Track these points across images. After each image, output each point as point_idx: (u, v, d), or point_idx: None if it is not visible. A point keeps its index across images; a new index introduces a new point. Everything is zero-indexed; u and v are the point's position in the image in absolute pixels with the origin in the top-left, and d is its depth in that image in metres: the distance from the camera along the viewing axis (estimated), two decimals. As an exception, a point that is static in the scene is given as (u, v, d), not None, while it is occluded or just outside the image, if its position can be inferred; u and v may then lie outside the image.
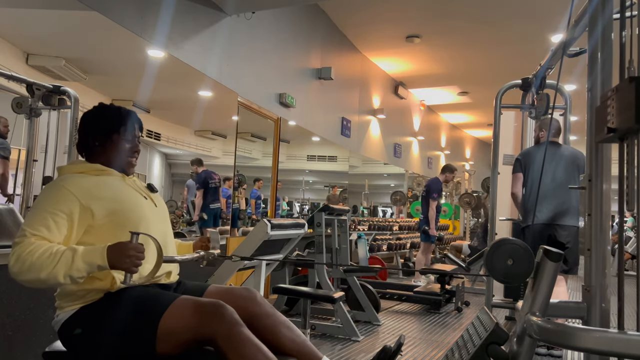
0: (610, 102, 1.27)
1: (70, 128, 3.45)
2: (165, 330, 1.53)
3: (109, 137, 1.79)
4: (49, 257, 1.48)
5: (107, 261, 1.49)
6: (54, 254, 1.49)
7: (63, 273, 1.48)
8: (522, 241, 1.44)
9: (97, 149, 1.79)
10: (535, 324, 1.21)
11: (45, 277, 1.47)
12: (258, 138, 6.64)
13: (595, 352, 1.25)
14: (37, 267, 1.47)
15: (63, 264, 1.48)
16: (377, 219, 9.37)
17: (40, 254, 1.49)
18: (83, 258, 1.49)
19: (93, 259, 1.50)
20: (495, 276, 1.47)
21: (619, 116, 1.20)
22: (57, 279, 1.48)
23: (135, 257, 1.50)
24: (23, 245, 1.51)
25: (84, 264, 1.49)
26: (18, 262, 1.49)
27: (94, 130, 1.80)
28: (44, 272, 1.47)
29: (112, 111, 1.83)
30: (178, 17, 4.24)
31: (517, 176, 3.68)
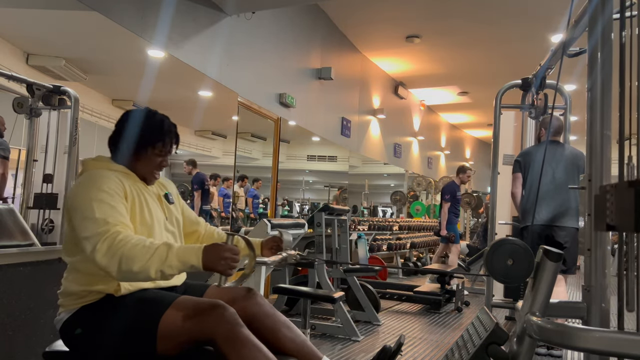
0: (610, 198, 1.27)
1: (70, 128, 3.45)
2: (166, 331, 1.53)
3: (145, 149, 1.74)
4: (143, 250, 1.45)
5: (202, 262, 1.47)
6: (147, 247, 1.46)
7: (155, 268, 1.45)
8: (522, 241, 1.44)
9: (128, 154, 1.75)
10: (535, 324, 1.21)
11: (137, 269, 1.44)
12: (258, 138, 6.65)
13: (595, 352, 1.25)
14: (129, 259, 1.44)
15: (157, 259, 1.45)
16: (377, 219, 9.37)
17: (133, 245, 1.46)
18: (177, 256, 1.47)
19: (188, 258, 1.47)
20: (495, 276, 1.47)
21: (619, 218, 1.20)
22: (148, 273, 1.45)
23: (231, 260, 1.48)
24: (112, 235, 1.47)
25: (177, 261, 1.47)
26: (109, 253, 1.45)
27: (132, 136, 1.74)
28: (137, 265, 1.44)
29: (156, 122, 1.76)
30: (178, 17, 4.24)
31: (517, 176, 3.68)
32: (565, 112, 4.03)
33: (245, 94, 5.16)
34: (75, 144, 3.46)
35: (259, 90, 5.47)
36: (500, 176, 3.99)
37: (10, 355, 2.49)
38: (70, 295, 1.63)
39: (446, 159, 13.42)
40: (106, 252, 1.46)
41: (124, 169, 1.74)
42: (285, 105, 5.92)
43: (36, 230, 3.34)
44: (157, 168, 1.78)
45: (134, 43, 3.94)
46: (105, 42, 4.06)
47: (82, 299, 1.62)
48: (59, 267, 2.63)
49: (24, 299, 2.56)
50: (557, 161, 3.53)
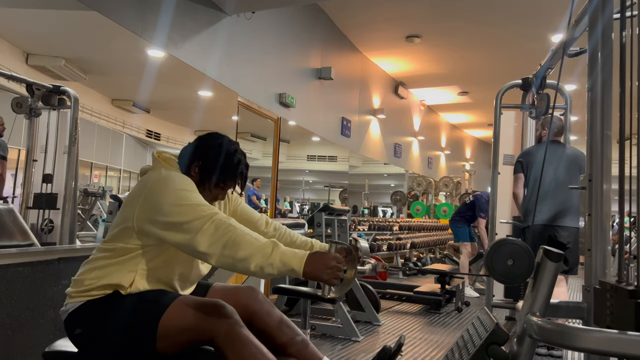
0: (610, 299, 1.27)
1: (70, 128, 3.45)
2: (166, 330, 1.53)
3: (210, 180, 1.70)
4: (250, 239, 1.44)
5: (304, 269, 1.45)
6: (255, 238, 1.45)
7: (257, 262, 1.43)
8: (522, 241, 1.44)
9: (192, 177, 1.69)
10: (535, 324, 1.21)
11: (240, 257, 1.42)
12: (258, 138, 6.64)
13: (595, 352, 1.25)
14: (236, 244, 1.43)
15: (261, 253, 1.43)
16: (377, 219, 9.37)
17: (242, 232, 1.45)
18: (281, 256, 1.44)
19: (290, 261, 1.45)
20: (496, 276, 1.47)
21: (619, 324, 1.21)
22: (249, 264, 1.43)
23: (337, 269, 1.47)
24: (220, 218, 1.45)
25: (280, 262, 1.44)
26: (216, 234, 1.43)
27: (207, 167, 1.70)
28: (241, 253, 1.42)
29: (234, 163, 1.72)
30: (178, 17, 4.24)
31: (519, 177, 3.67)
32: (565, 112, 4.03)
33: (245, 94, 5.16)
34: (75, 143, 3.46)
35: (259, 90, 5.47)
36: (501, 176, 3.99)
37: (10, 355, 2.49)
38: (81, 285, 1.62)
39: (446, 159, 13.42)
40: (213, 233, 1.44)
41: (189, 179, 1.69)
42: (285, 105, 5.92)
43: (36, 230, 3.34)
44: (213, 200, 1.76)
45: (134, 43, 3.95)
46: (105, 42, 4.06)
47: (89, 293, 1.60)
48: (58, 267, 2.63)
49: (24, 299, 2.56)
50: (559, 161, 3.53)
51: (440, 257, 9.39)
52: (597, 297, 1.33)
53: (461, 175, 13.00)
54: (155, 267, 1.62)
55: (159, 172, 1.65)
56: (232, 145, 1.76)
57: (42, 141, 3.54)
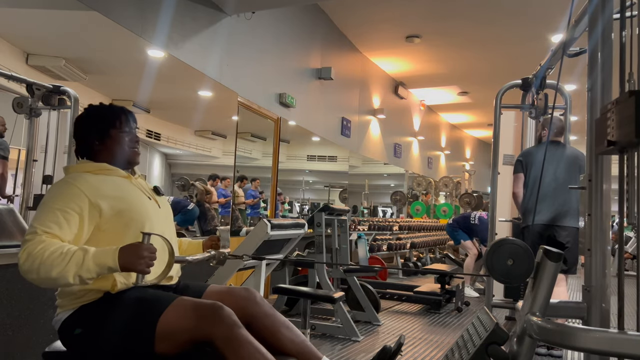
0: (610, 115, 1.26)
1: (70, 128, 3.44)
2: (164, 331, 1.53)
3: (107, 133, 1.79)
4: (60, 256, 1.47)
5: (118, 263, 1.48)
6: (64, 253, 1.48)
7: (73, 273, 1.46)
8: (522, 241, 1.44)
9: (98, 148, 1.79)
10: (535, 324, 1.21)
11: (55, 276, 1.45)
12: (258, 138, 6.64)
13: (595, 352, 1.25)
14: (47, 266, 1.46)
15: (74, 264, 1.46)
16: (377, 219, 9.37)
17: (51, 252, 1.47)
18: (94, 259, 1.48)
19: (104, 261, 1.48)
20: (495, 276, 1.47)
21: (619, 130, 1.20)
22: (67, 279, 1.47)
23: (148, 258, 1.50)
24: (34, 243, 1.49)
25: (94, 265, 1.48)
26: (29, 260, 1.47)
27: (91, 130, 1.80)
28: (55, 271, 1.45)
29: (103, 109, 1.84)
30: (178, 17, 4.24)
31: (519, 176, 3.67)
32: (565, 112, 4.03)
33: (245, 94, 5.16)
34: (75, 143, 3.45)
35: (259, 90, 5.47)
36: (500, 176, 3.99)
37: (10, 355, 2.49)
38: (69, 295, 1.63)
39: (446, 159, 13.42)
40: (26, 259, 1.47)
41: (106, 166, 1.77)
42: (285, 105, 5.92)
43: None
44: (131, 144, 1.83)
45: (134, 43, 3.94)
46: (105, 42, 4.06)
47: (80, 299, 1.62)
48: (58, 267, 2.63)
49: (24, 299, 2.56)
50: (558, 161, 3.53)
51: (440, 257, 9.39)
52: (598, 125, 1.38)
53: (461, 175, 13.00)
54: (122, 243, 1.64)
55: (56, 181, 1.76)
56: (91, 105, 1.87)
57: (42, 141, 3.54)
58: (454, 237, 6.62)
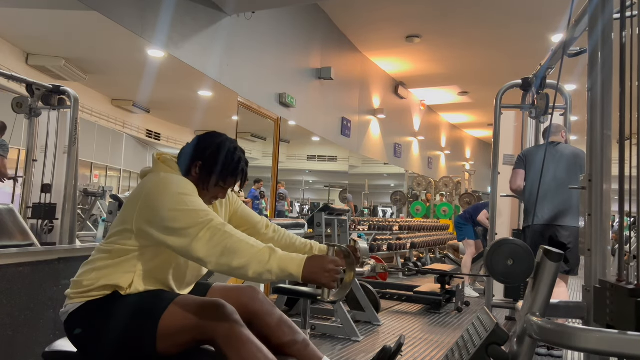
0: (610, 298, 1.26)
1: (70, 128, 3.45)
2: (166, 330, 1.53)
3: (210, 179, 1.70)
4: (247, 246, 1.45)
5: (302, 272, 1.45)
6: (252, 245, 1.45)
7: (254, 269, 1.44)
8: (522, 241, 1.44)
9: (192, 177, 1.70)
10: (535, 324, 1.21)
11: (237, 265, 1.43)
12: (258, 138, 6.64)
13: (595, 352, 1.25)
14: (232, 252, 1.43)
15: (258, 260, 1.44)
16: (377, 219, 9.37)
17: (238, 239, 1.45)
18: (279, 262, 1.45)
19: (288, 267, 1.45)
20: (495, 276, 1.47)
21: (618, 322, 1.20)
22: (247, 271, 1.44)
23: (335, 272, 1.47)
24: (216, 225, 1.46)
25: (278, 268, 1.45)
26: (211, 243, 1.44)
27: (208, 166, 1.70)
28: (238, 260, 1.43)
29: (234, 161, 1.72)
30: (178, 17, 4.23)
31: (518, 172, 3.66)
32: (565, 112, 4.03)
33: (245, 94, 5.16)
34: (75, 143, 3.46)
35: (259, 90, 5.47)
36: (501, 176, 3.99)
37: (10, 355, 2.49)
38: (80, 286, 1.62)
39: (446, 159, 13.42)
40: (209, 240, 1.45)
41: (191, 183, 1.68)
42: (285, 105, 5.92)
43: (36, 230, 3.34)
44: (214, 199, 1.76)
45: (134, 43, 3.95)
46: (105, 42, 4.06)
47: (88, 293, 1.61)
48: (58, 267, 2.63)
49: (24, 299, 2.56)
50: (558, 161, 3.52)
51: (440, 257, 9.39)
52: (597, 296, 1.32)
53: (461, 175, 13.00)
54: (153, 268, 1.62)
55: (158, 175, 1.65)
56: (231, 144, 1.76)
57: (42, 141, 3.54)
58: (459, 231, 6.56)
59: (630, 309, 1.09)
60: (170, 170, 1.70)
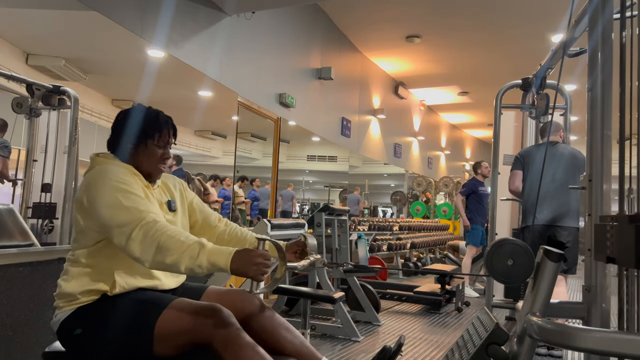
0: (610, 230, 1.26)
1: (70, 128, 3.44)
2: (162, 333, 1.53)
3: (144, 142, 1.73)
4: (178, 243, 1.46)
5: (230, 265, 1.45)
6: (182, 241, 1.46)
7: (186, 264, 1.45)
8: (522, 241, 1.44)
9: (129, 151, 1.73)
10: (535, 324, 1.21)
11: (170, 262, 1.45)
12: (258, 138, 6.64)
13: (595, 352, 1.25)
14: (165, 249, 1.45)
15: (188, 255, 1.45)
16: (377, 219, 9.37)
17: (169, 236, 1.46)
18: (208, 256, 1.45)
19: (217, 260, 1.46)
20: (496, 276, 1.47)
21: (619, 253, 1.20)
22: (179, 267, 1.46)
23: (263, 265, 1.46)
24: (147, 222, 1.48)
25: (207, 262, 1.45)
26: (145, 241, 1.46)
27: (130, 132, 1.73)
28: (170, 258, 1.45)
29: (151, 116, 1.76)
30: (178, 17, 4.23)
31: (516, 173, 3.66)
32: (565, 112, 4.03)
33: (245, 94, 5.16)
34: (75, 143, 3.46)
35: (259, 90, 5.47)
36: (501, 176, 3.99)
37: (10, 355, 2.49)
38: (66, 296, 1.62)
39: (446, 159, 13.42)
40: (142, 240, 1.47)
41: (132, 169, 1.72)
42: (285, 105, 5.92)
43: (36, 230, 3.34)
44: (160, 161, 1.76)
45: (134, 43, 3.94)
46: (105, 42, 4.05)
47: (77, 300, 1.61)
48: (58, 267, 2.62)
49: (24, 299, 2.56)
50: (557, 161, 3.52)
51: (440, 257, 9.39)
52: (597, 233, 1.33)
53: (461, 175, 13.00)
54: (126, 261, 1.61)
55: (93, 170, 1.67)
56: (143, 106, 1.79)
57: (42, 141, 3.54)
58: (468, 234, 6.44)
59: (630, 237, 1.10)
60: (106, 161, 1.71)
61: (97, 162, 1.72)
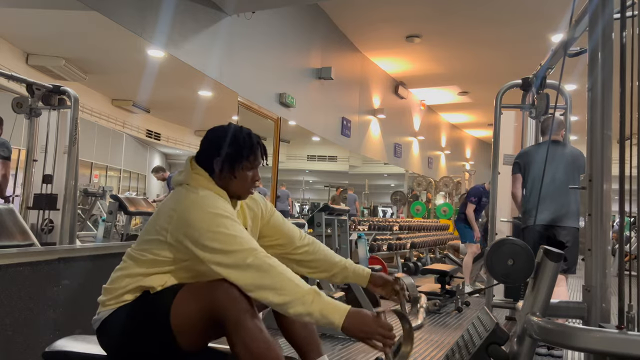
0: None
1: (70, 128, 3.45)
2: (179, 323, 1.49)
3: (240, 165, 1.69)
4: (292, 285, 1.43)
5: (344, 324, 1.42)
6: (296, 283, 1.43)
7: (295, 309, 1.42)
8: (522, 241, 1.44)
9: (223, 174, 1.68)
10: (535, 324, 1.21)
11: (278, 302, 1.42)
12: (258, 138, 6.64)
13: (595, 352, 1.25)
14: (275, 289, 1.42)
15: (300, 300, 1.42)
16: (377, 219, 9.37)
17: (280, 276, 1.43)
18: (322, 308, 1.42)
19: (330, 315, 1.42)
20: (496, 276, 1.47)
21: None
22: (286, 309, 1.43)
23: (383, 336, 1.43)
24: (260, 256, 1.45)
25: (319, 314, 1.42)
26: (255, 275, 1.43)
27: (228, 156, 1.68)
28: (281, 298, 1.42)
29: (245, 137, 1.71)
30: (178, 17, 4.23)
31: (517, 177, 3.67)
32: (565, 112, 4.03)
33: (245, 94, 5.16)
34: (75, 143, 3.46)
35: (259, 90, 5.47)
36: (500, 176, 3.99)
37: (10, 355, 2.49)
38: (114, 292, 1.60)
39: (446, 159, 13.42)
40: (251, 274, 1.44)
41: (225, 194, 1.68)
42: (285, 105, 5.92)
43: (36, 230, 3.34)
44: (252, 184, 1.73)
45: (134, 43, 3.94)
46: (105, 42, 4.06)
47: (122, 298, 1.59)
48: (58, 267, 2.63)
49: (24, 299, 2.56)
50: (557, 161, 3.52)
51: (440, 257, 9.39)
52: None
53: (461, 175, 13.00)
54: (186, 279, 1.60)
55: (195, 191, 1.61)
56: (234, 126, 1.75)
57: (42, 141, 3.54)
58: (462, 234, 6.57)
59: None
60: (206, 184, 1.66)
61: (198, 183, 1.65)
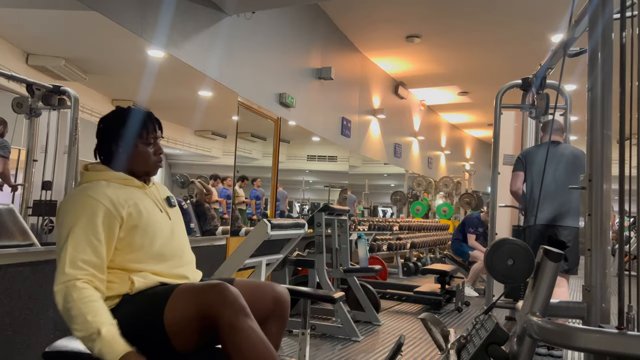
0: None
1: (70, 128, 3.45)
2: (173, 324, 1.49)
3: (134, 144, 1.72)
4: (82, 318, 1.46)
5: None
6: (87, 319, 1.46)
7: (86, 344, 1.47)
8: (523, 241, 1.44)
9: (120, 156, 1.72)
10: (535, 324, 1.21)
11: (72, 327, 1.48)
12: (258, 138, 6.64)
13: (595, 352, 1.25)
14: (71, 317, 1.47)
15: (87, 333, 1.45)
16: (377, 219, 9.37)
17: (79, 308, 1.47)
18: (101, 345, 1.44)
19: (107, 353, 1.43)
20: (496, 276, 1.47)
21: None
22: (75, 333, 1.48)
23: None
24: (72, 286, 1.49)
25: (97, 350, 1.44)
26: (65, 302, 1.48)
27: (115, 137, 1.72)
28: (72, 325, 1.48)
29: (131, 115, 1.75)
30: (178, 17, 4.23)
31: (518, 174, 3.66)
32: (565, 112, 4.03)
33: (245, 94, 5.16)
34: (75, 144, 3.46)
35: (259, 90, 5.47)
36: (501, 176, 3.99)
37: (10, 355, 2.49)
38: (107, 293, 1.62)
39: (446, 159, 13.42)
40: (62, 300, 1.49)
41: (123, 175, 1.71)
42: (285, 105, 5.92)
43: (36, 230, 3.34)
44: (155, 158, 1.77)
45: (134, 43, 3.94)
46: (105, 42, 4.05)
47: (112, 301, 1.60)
48: (58, 267, 2.63)
49: (24, 299, 2.56)
50: (558, 161, 3.52)
51: (440, 257, 9.39)
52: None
53: (461, 175, 13.00)
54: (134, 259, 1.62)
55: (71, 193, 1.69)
56: (120, 107, 1.79)
57: (42, 141, 3.54)
58: (462, 254, 6.64)
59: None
60: (97, 175, 1.69)
61: (87, 178, 1.70)
